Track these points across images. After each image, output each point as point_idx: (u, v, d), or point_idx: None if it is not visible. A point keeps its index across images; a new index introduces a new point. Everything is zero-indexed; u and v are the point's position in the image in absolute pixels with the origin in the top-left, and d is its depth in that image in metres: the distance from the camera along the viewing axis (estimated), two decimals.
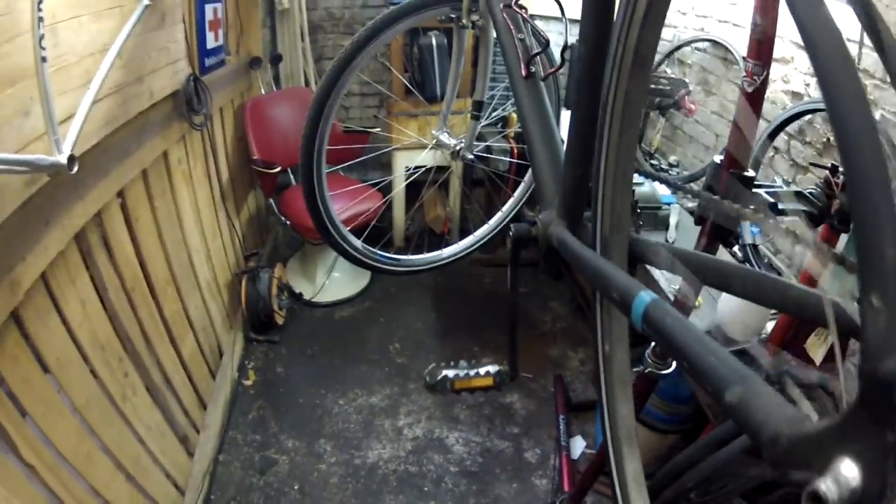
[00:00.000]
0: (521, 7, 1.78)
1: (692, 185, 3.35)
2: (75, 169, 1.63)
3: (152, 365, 2.52)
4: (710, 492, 2.04)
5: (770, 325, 2.02)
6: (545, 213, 1.47)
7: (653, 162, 3.92)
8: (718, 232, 1.40)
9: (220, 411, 3.21)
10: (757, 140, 2.98)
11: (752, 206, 1.08)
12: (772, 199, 1.80)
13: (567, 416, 3.24)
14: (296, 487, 3.00)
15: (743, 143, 1.28)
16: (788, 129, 2.87)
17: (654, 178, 2.45)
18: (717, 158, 1.38)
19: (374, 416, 3.46)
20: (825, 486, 0.60)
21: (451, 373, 2.01)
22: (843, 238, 1.98)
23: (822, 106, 2.66)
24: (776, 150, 3.06)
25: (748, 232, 2.52)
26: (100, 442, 2.04)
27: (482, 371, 2.00)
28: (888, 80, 2.30)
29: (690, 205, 3.01)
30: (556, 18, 3.10)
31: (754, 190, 1.56)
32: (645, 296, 0.98)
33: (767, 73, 1.15)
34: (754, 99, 1.16)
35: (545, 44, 1.68)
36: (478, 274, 4.55)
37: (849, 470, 0.61)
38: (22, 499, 1.61)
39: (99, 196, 2.11)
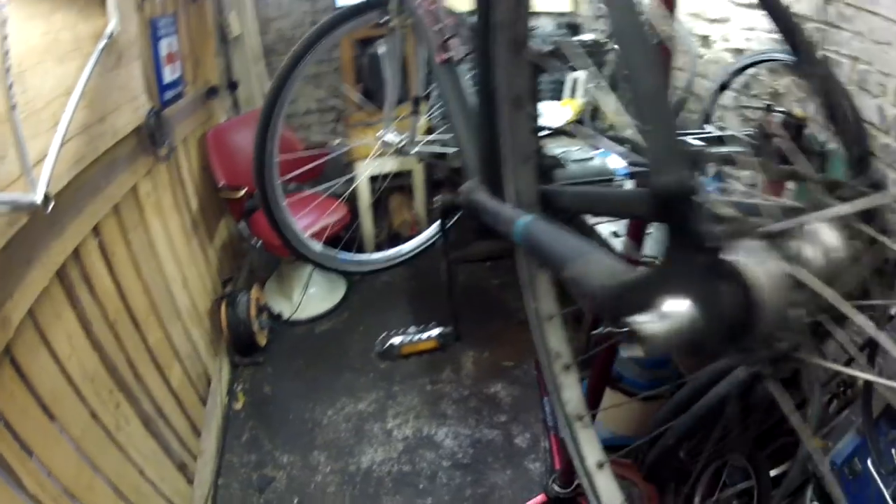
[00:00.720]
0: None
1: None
2: (50, 207, 1.69)
3: (142, 395, 2.55)
4: (700, 450, 2.10)
5: None
6: (469, 182, 1.55)
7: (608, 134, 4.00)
8: None
9: (213, 436, 3.25)
10: (705, 99, 3.08)
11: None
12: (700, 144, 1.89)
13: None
14: (295, 501, 3.05)
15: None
16: (735, 84, 2.96)
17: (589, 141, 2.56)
18: None
19: (364, 421, 3.51)
20: (641, 319, 0.64)
21: (397, 339, 2.05)
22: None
23: (764, 57, 2.76)
24: (724, 108, 3.16)
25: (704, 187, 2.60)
26: (99, 472, 2.08)
27: (425, 335, 2.05)
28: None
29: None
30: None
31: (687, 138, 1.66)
32: (523, 218, 1.08)
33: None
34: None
35: (453, 30, 1.78)
36: (452, 272, 4.62)
37: (673, 304, 0.65)
38: None
39: (76, 233, 2.16)
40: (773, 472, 1.89)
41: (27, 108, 1.82)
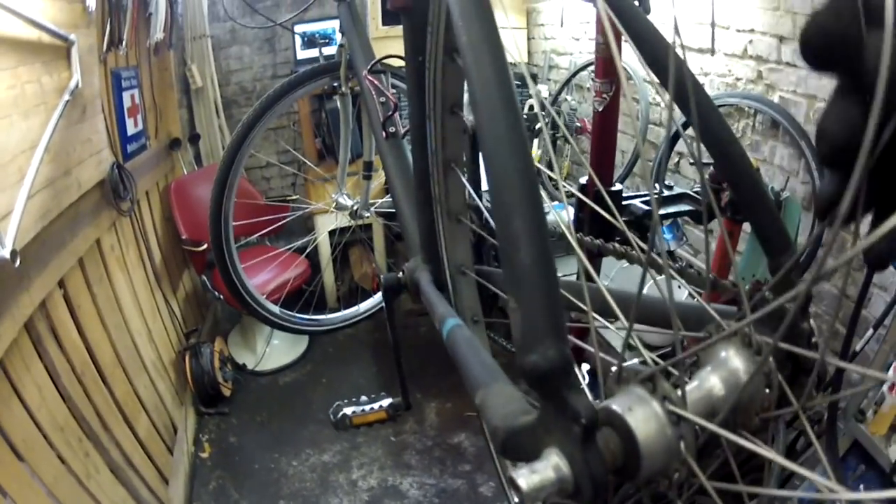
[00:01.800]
0: (379, 71, 1.93)
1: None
2: (17, 262, 1.72)
3: (111, 444, 2.56)
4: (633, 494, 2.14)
5: None
6: (412, 260, 1.60)
7: (564, 189, 4.07)
8: (598, 233, 1.53)
9: (181, 484, 3.24)
10: (659, 149, 3.15)
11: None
12: (647, 208, 1.93)
13: None
14: None
15: (605, 161, 1.42)
16: (689, 131, 3.00)
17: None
18: (582, 180, 1.52)
19: (328, 472, 3.51)
20: (515, 473, 0.64)
21: (349, 410, 2.11)
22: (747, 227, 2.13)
23: (721, 102, 2.84)
24: (680, 154, 3.22)
25: (661, 240, 2.66)
26: None
27: (376, 406, 2.11)
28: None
29: None
30: None
31: (626, 202, 1.71)
32: (450, 321, 1.15)
33: (617, 90, 1.29)
34: (607, 117, 1.30)
35: (393, 107, 1.82)
36: (413, 324, 4.64)
37: (550, 457, 0.66)
38: None
39: (42, 286, 2.18)
40: None
41: None
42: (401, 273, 1.67)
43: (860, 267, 2.09)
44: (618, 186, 1.40)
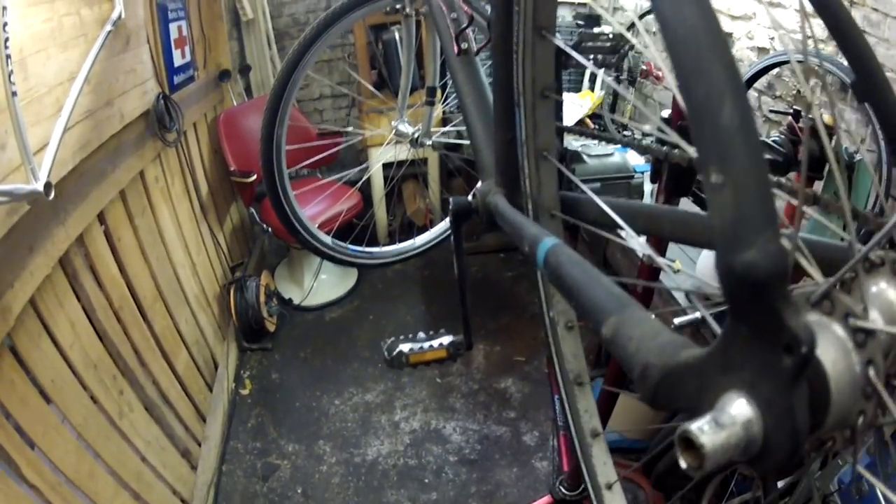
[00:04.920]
0: None
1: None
2: (51, 195, 1.67)
3: (147, 381, 2.55)
4: None
5: None
6: (484, 184, 1.49)
7: (625, 133, 3.96)
8: (675, 186, 1.41)
9: (219, 422, 3.25)
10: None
11: None
12: None
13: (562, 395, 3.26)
14: (299, 491, 3.04)
15: None
16: (758, 84, 2.90)
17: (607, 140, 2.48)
18: (665, 113, 1.39)
19: (371, 412, 3.49)
20: (697, 429, 0.50)
21: (406, 347, 1.99)
22: (818, 186, 2.01)
23: (787, 58, 2.69)
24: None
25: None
26: (100, 460, 2.08)
27: (436, 343, 1.98)
28: None
29: None
30: None
31: None
32: (547, 241, 0.95)
33: None
34: None
35: (469, 20, 1.72)
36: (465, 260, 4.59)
37: (736, 406, 0.51)
38: None
39: (80, 220, 2.14)
40: (780, 484, 1.85)
41: (28, 96, 1.80)
42: (472, 197, 1.58)
43: None
44: None
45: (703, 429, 0.49)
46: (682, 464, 0.51)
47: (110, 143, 2.42)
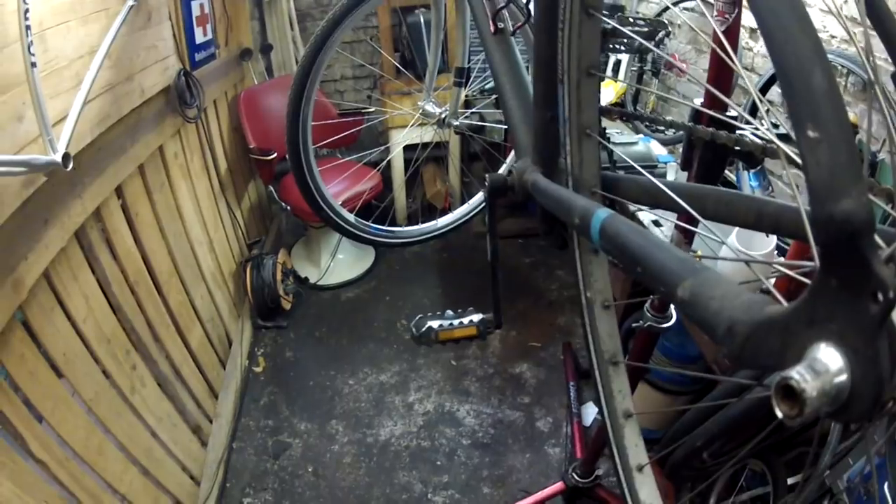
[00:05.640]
0: None
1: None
2: (70, 166, 1.66)
3: (160, 357, 2.56)
4: (723, 452, 2.05)
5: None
6: (521, 162, 1.50)
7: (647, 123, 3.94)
8: (705, 172, 1.40)
9: (231, 399, 3.26)
10: (749, 94, 2.99)
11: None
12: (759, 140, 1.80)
13: (577, 383, 3.26)
14: (310, 469, 3.04)
15: (721, 85, 1.29)
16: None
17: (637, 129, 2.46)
18: (697, 101, 1.38)
19: (385, 393, 3.49)
20: (798, 375, 0.51)
21: (435, 323, 1.96)
22: None
23: None
24: (771, 103, 3.07)
25: (746, 185, 2.52)
26: (110, 435, 2.08)
27: (465, 321, 1.96)
28: None
29: None
30: None
31: (738, 132, 1.56)
32: (602, 212, 0.97)
33: (739, 11, 1.15)
34: (728, 38, 1.17)
35: (506, 0, 1.70)
36: (482, 247, 4.55)
37: (827, 355, 0.53)
38: (35, 496, 1.65)
39: (97, 193, 2.15)
40: (790, 481, 1.84)
41: (48, 68, 1.80)
42: (507, 173, 1.57)
43: None
44: (732, 113, 1.25)
45: (803, 376, 0.51)
46: (779, 413, 0.53)
47: (130, 117, 2.42)
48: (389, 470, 3.03)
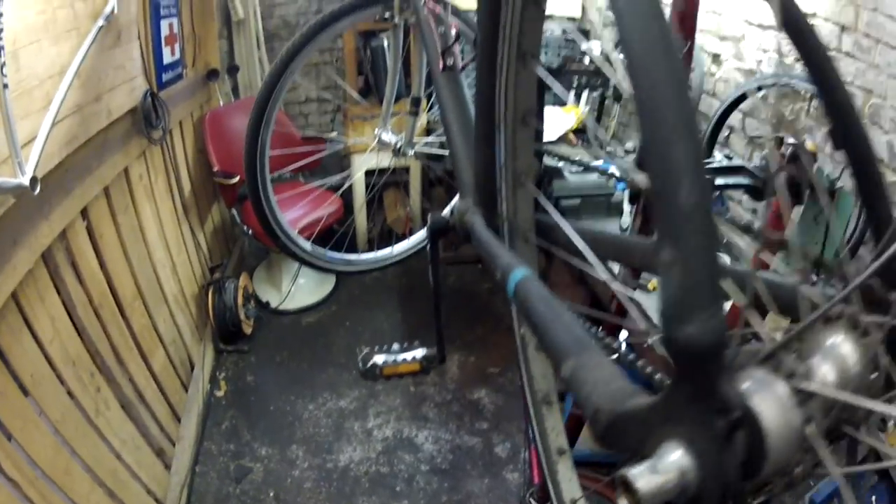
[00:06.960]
0: (441, 1, 1.83)
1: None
2: (37, 190, 1.66)
3: (124, 379, 2.54)
4: None
5: None
6: (462, 202, 1.50)
7: (608, 149, 3.98)
8: (650, 213, 1.43)
9: (193, 423, 3.23)
10: (710, 119, 3.05)
11: None
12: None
13: None
14: (271, 494, 3.03)
15: None
16: (743, 106, 2.93)
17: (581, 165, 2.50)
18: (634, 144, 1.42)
19: (344, 418, 3.49)
20: (636, 471, 0.54)
21: (380, 359, 1.98)
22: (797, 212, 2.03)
23: (772, 81, 2.72)
24: (731, 129, 3.13)
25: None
26: (76, 456, 2.07)
27: (409, 357, 1.98)
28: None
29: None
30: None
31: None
32: (518, 273, 0.99)
33: (691, 46, 1.18)
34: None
35: (455, 36, 1.73)
36: (441, 273, 4.61)
37: (674, 455, 0.55)
38: None
39: (63, 215, 2.14)
40: None
41: (19, 88, 1.79)
42: (449, 213, 1.57)
43: None
44: None
45: (639, 474, 0.54)
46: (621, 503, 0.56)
47: (97, 138, 2.42)
48: (349, 495, 3.02)
